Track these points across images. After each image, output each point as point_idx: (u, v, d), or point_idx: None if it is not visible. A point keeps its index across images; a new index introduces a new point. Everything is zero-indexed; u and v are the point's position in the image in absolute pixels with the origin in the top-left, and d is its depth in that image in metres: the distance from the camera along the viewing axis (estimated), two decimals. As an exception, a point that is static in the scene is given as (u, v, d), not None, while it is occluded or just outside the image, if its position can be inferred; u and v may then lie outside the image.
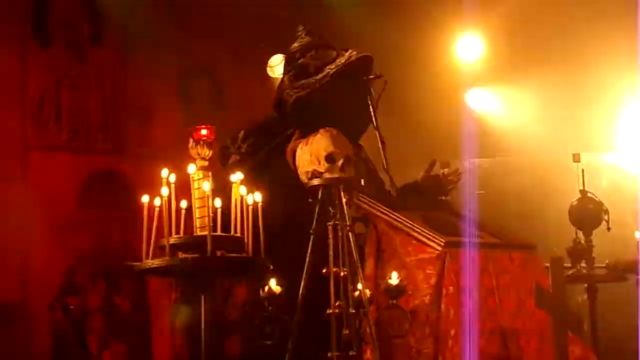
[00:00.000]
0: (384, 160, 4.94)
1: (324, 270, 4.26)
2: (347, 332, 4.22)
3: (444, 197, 5.06)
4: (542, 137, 8.75)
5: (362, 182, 4.84)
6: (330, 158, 4.54)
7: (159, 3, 8.23)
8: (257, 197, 4.06)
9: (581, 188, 5.66)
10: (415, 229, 4.52)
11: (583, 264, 5.55)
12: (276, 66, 6.43)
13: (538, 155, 8.76)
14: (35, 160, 7.96)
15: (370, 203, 4.66)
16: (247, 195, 4.02)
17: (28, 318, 7.76)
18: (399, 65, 7.55)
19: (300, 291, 4.28)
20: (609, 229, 5.60)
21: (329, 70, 4.95)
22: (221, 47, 8.41)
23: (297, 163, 4.73)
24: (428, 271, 4.42)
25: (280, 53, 5.27)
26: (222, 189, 4.29)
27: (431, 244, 4.45)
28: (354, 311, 4.23)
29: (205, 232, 3.89)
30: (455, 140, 7.95)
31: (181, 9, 8.37)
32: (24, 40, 8.03)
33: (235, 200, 3.97)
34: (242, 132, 5.00)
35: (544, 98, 8.74)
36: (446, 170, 5.09)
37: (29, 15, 8.09)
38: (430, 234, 4.50)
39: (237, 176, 4.07)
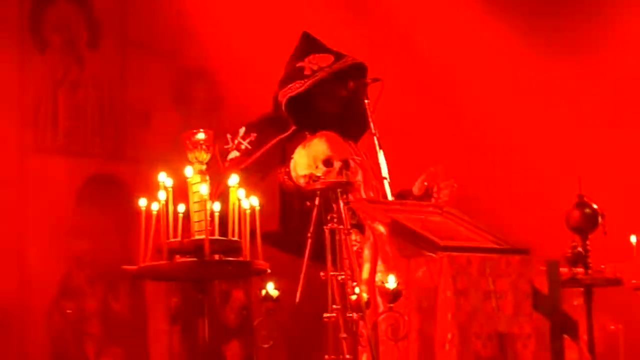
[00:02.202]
0: (382, 166, 4.96)
1: (321, 274, 4.27)
2: (344, 336, 4.23)
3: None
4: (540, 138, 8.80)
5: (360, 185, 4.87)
6: (327, 162, 4.56)
7: (156, 6, 8.24)
8: (254, 200, 4.07)
9: (578, 192, 5.68)
10: (412, 233, 4.53)
11: (579, 269, 5.56)
12: None
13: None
14: (32, 164, 7.95)
15: (367, 207, 4.67)
16: (244, 199, 4.03)
17: (25, 322, 7.75)
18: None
19: (297, 295, 4.29)
20: (605, 233, 5.61)
21: (323, 72, 4.97)
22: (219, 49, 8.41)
23: (294, 167, 4.74)
24: (425, 275, 4.42)
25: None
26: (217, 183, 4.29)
27: (428, 248, 4.46)
28: (351, 315, 4.24)
29: (203, 236, 3.89)
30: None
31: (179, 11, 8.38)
32: (21, 44, 8.03)
33: (233, 203, 3.98)
34: (243, 128, 5.00)
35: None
36: (442, 183, 5.08)
37: (25, 19, 8.09)
38: (427, 238, 4.50)
39: (234, 180, 4.07)
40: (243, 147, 4.94)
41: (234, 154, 4.92)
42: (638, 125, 8.87)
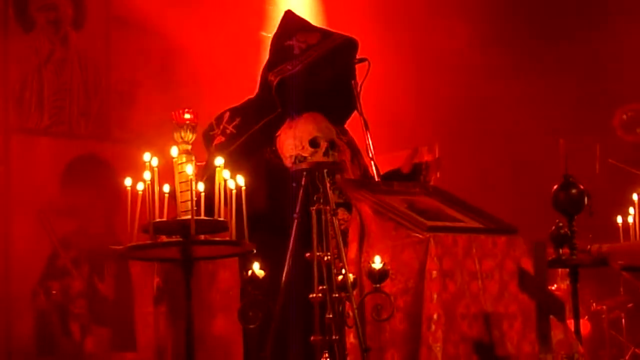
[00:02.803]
0: (369, 146, 4.95)
1: (307, 255, 4.27)
2: (330, 316, 4.22)
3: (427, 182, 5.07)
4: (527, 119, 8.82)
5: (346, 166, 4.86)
6: (313, 142, 4.55)
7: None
8: (240, 180, 4.05)
9: (564, 173, 5.68)
10: (399, 213, 4.53)
11: (565, 249, 5.56)
12: None
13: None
14: (17, 145, 7.92)
15: (354, 187, 4.66)
16: (229, 179, 4.01)
17: (10, 303, 7.73)
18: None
19: (284, 275, 4.28)
20: (591, 214, 5.61)
21: (313, 51, 4.95)
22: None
23: (280, 147, 4.73)
24: (411, 255, 4.42)
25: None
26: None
27: (414, 228, 4.45)
28: (337, 295, 4.24)
29: (189, 216, 3.88)
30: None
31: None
32: (6, 24, 7.99)
33: (219, 184, 3.97)
34: (228, 112, 4.98)
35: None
36: (430, 160, 5.08)
37: (10, -1, 8.05)
38: (414, 218, 4.50)
39: (219, 160, 4.06)
40: (229, 131, 4.92)
41: (220, 139, 4.91)
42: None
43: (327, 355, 4.21)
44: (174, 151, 3.99)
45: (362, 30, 7.11)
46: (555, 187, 5.65)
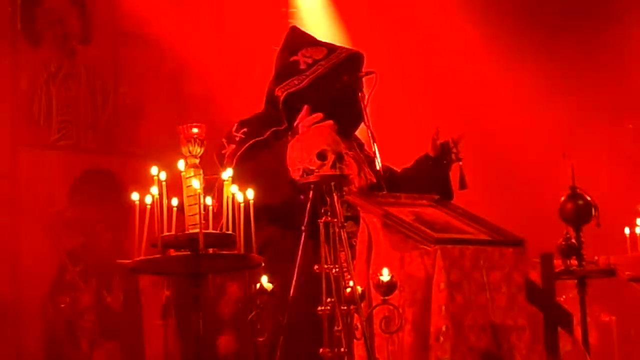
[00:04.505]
0: (376, 158, 4.97)
1: (315, 267, 4.28)
2: (339, 329, 4.23)
3: (458, 160, 5.06)
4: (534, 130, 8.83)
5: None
6: (321, 155, 4.56)
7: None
8: (249, 194, 4.06)
9: (571, 184, 5.69)
10: (406, 225, 4.53)
11: (573, 260, 5.56)
12: None
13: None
14: (25, 159, 7.94)
15: (361, 200, 4.67)
16: (237, 192, 4.02)
17: (19, 317, 7.75)
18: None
19: (292, 288, 4.29)
20: (598, 225, 5.62)
21: (320, 66, 4.97)
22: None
23: (287, 160, 4.74)
24: (419, 267, 4.43)
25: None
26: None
27: (422, 240, 4.46)
28: (345, 308, 4.25)
29: (197, 230, 3.89)
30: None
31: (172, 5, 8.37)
32: (14, 39, 8.02)
33: (227, 197, 3.98)
34: (235, 124, 5.01)
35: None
36: (455, 137, 5.11)
37: (18, 13, 8.07)
38: (421, 230, 4.51)
39: (227, 174, 4.07)
40: (238, 138, 4.95)
41: (231, 147, 4.94)
42: (633, 116, 8.90)
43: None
44: (182, 165, 4.00)
45: (370, 43, 7.15)
46: (562, 198, 5.66)
